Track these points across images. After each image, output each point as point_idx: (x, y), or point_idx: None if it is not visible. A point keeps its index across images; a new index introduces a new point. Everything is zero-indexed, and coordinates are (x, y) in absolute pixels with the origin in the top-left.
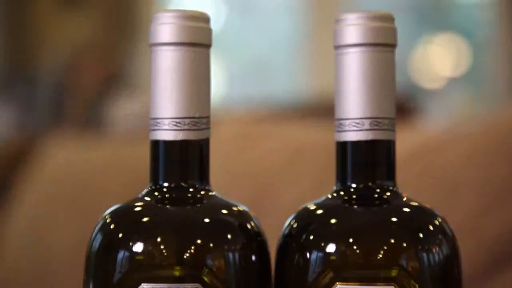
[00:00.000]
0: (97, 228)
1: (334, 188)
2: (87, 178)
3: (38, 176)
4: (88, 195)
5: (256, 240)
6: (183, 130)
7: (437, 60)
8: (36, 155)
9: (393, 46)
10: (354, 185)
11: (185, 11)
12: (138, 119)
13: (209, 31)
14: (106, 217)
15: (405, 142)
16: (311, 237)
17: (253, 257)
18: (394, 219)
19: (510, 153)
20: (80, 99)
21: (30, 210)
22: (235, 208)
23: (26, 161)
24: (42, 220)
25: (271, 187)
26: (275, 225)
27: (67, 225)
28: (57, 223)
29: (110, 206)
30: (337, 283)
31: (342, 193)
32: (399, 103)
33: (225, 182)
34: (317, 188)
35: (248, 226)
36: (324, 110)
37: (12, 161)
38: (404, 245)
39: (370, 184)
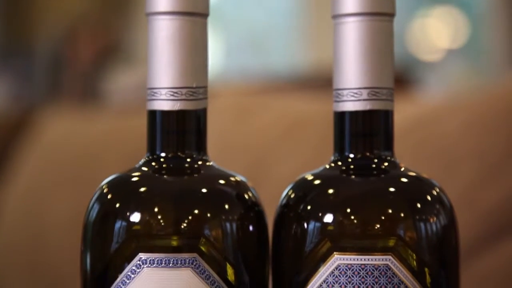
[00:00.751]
0: (94, 198)
1: (332, 158)
2: (84, 149)
3: (35, 148)
4: (85, 166)
5: (253, 210)
6: (180, 100)
7: (435, 32)
8: (33, 127)
9: (391, 15)
10: (352, 155)
11: None
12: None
13: (206, 0)
14: (103, 187)
15: (403, 113)
16: (309, 207)
17: (251, 227)
18: (391, 189)
19: (507, 124)
20: (77, 70)
21: (28, 182)
22: (232, 178)
23: (23, 132)
24: (39, 191)
25: (269, 158)
26: (272, 196)
27: (64, 196)
28: (54, 194)
29: (108, 177)
30: (335, 253)
31: (340, 163)
32: (397, 75)
33: (222, 153)
34: (314, 159)
35: (246, 196)
36: (321, 81)
37: (9, 132)
38: (402, 215)
39: (368, 154)
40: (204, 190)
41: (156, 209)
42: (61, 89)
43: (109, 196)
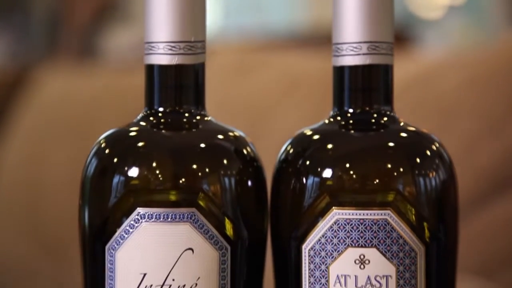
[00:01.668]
0: (91, 153)
1: (331, 113)
2: (82, 106)
3: (32, 105)
4: (82, 123)
5: (252, 165)
6: (178, 54)
7: None
8: (30, 84)
9: None
10: (351, 110)
11: None
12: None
13: None
14: (101, 141)
15: (402, 71)
16: (308, 162)
17: (249, 182)
18: (391, 143)
19: (506, 82)
20: (75, 28)
21: (25, 138)
22: (231, 134)
23: (20, 90)
24: (37, 148)
25: (268, 115)
26: (272, 153)
27: (62, 152)
28: (52, 150)
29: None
30: (333, 207)
31: (339, 118)
32: (397, 32)
33: (221, 111)
34: (314, 116)
35: (244, 151)
36: (321, 39)
37: (7, 90)
38: (401, 169)
39: (367, 109)
40: (202, 145)
41: (154, 164)
42: (59, 46)
43: (106, 151)
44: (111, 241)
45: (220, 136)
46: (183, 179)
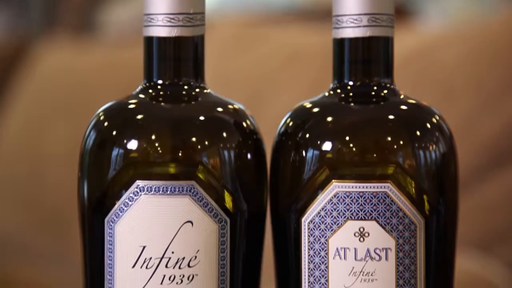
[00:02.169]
0: (90, 125)
1: (331, 86)
2: (81, 80)
3: (31, 79)
4: (81, 96)
5: (251, 138)
6: (177, 26)
7: None
8: (29, 58)
9: None
10: (351, 83)
11: None
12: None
13: None
14: (100, 114)
15: (403, 44)
16: (307, 135)
17: (249, 155)
18: (391, 116)
19: (506, 54)
20: (74, 2)
21: (24, 112)
22: (230, 106)
23: (19, 64)
24: (36, 122)
25: (267, 89)
26: (271, 126)
27: (61, 126)
28: (52, 124)
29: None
30: (333, 180)
31: (339, 90)
32: (398, 5)
33: (221, 84)
34: (313, 90)
35: (244, 124)
36: (320, 13)
37: (6, 64)
38: (401, 142)
39: (367, 81)
40: (202, 118)
41: (153, 137)
42: (58, 20)
43: (105, 124)
44: (110, 213)
45: (220, 109)
46: (182, 152)
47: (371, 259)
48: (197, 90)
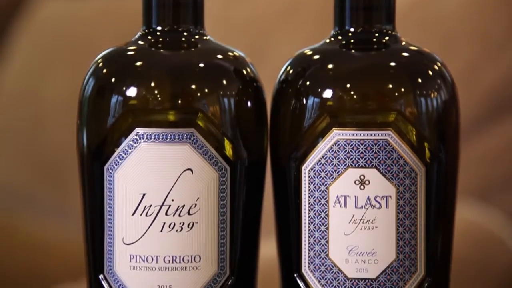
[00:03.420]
0: (89, 72)
1: (332, 33)
2: (80, 27)
3: (30, 27)
4: (81, 44)
5: (252, 85)
6: None
7: None
8: (27, 6)
9: None
10: (352, 29)
11: None
12: None
13: None
14: (98, 61)
15: None
16: (308, 83)
17: (249, 103)
18: (392, 63)
19: (510, 3)
20: None
21: (23, 61)
22: (230, 53)
23: (18, 12)
24: (36, 70)
25: (268, 36)
26: (272, 74)
27: (60, 74)
28: (51, 72)
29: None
30: (334, 128)
31: (340, 37)
32: None
33: (221, 31)
34: (315, 39)
35: (244, 71)
36: None
37: (5, 11)
38: (402, 89)
39: (369, 28)
40: (201, 65)
41: (152, 84)
42: None
43: (104, 71)
44: (110, 161)
45: (220, 56)
46: (182, 99)
47: (371, 207)
48: (197, 37)
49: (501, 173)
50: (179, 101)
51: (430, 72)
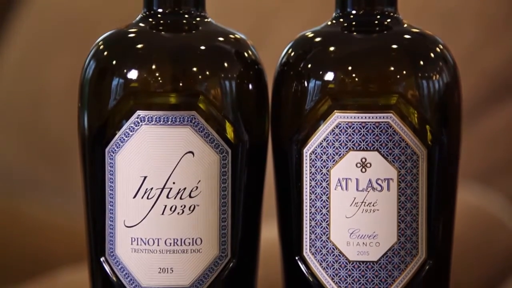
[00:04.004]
0: (90, 55)
1: (333, 15)
2: (82, 10)
3: (31, 9)
4: (82, 26)
5: (253, 68)
6: None
7: None
8: None
9: None
10: (354, 11)
11: None
12: None
13: None
14: (99, 43)
15: None
16: (309, 65)
17: (250, 86)
18: (394, 45)
19: None
20: None
21: (25, 43)
22: (232, 36)
23: None
24: (37, 52)
25: (269, 19)
26: (273, 57)
27: (61, 57)
28: (52, 55)
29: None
30: (335, 111)
31: (341, 20)
32: None
33: (223, 14)
34: (317, 20)
35: (245, 54)
36: None
37: None
38: (404, 72)
39: (371, 10)
40: (202, 47)
41: (153, 66)
42: None
43: (105, 53)
44: (111, 144)
45: (221, 38)
46: (183, 82)
47: (372, 190)
48: (198, 19)
49: (502, 156)
50: (180, 84)
51: (432, 55)
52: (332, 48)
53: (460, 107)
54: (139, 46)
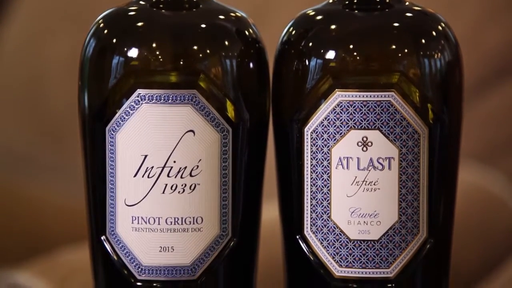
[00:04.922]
0: (90, 33)
1: None
2: None
3: None
4: (82, 5)
5: (254, 46)
6: None
7: None
8: None
9: None
10: None
11: None
12: None
13: None
14: (99, 21)
15: None
16: (310, 44)
17: (251, 64)
18: (395, 24)
19: None
20: None
21: (25, 22)
22: (232, 14)
23: None
24: (37, 31)
25: (271, 2)
26: (274, 35)
27: (61, 35)
28: (52, 33)
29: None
30: (336, 90)
31: None
32: None
33: None
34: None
35: (246, 32)
36: None
37: None
38: (405, 50)
39: None
40: (203, 25)
41: (154, 44)
42: None
43: (105, 31)
44: (111, 122)
45: (222, 16)
46: (183, 60)
47: (374, 169)
48: None
49: (504, 135)
50: (181, 62)
51: (434, 33)
52: (333, 27)
53: (461, 85)
54: (140, 24)
